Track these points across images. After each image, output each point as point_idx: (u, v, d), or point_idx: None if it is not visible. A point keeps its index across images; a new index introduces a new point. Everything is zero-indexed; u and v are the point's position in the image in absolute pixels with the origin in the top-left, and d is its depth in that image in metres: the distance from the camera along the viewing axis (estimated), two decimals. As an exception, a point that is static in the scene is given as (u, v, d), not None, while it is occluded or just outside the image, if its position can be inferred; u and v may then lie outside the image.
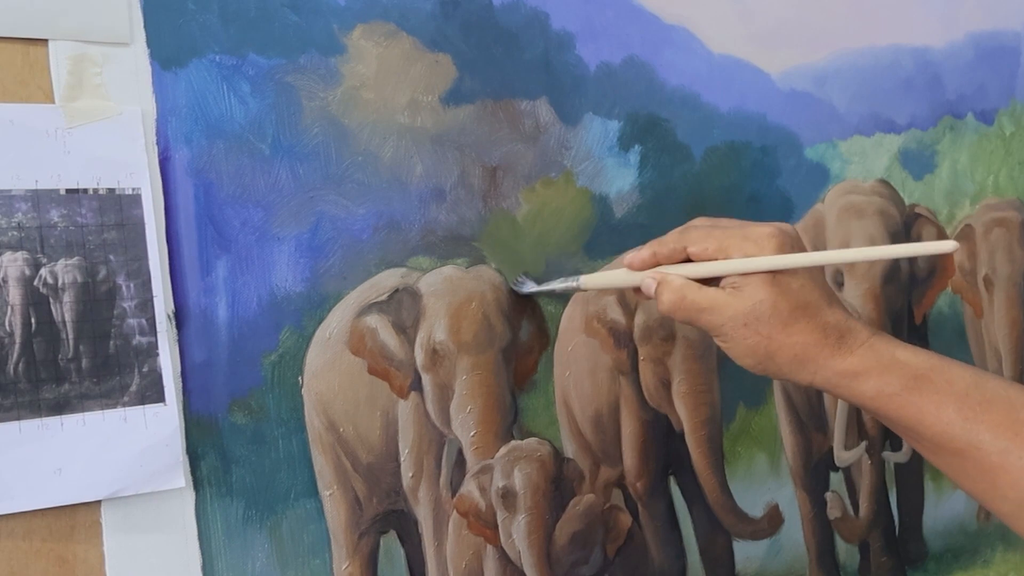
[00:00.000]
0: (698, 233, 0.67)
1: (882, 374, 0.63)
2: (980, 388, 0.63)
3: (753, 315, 0.64)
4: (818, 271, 0.67)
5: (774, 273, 0.64)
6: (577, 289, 0.75)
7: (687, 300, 0.66)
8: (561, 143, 0.81)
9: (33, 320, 0.62)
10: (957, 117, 1.03)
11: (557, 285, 0.76)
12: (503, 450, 0.77)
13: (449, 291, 0.76)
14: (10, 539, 0.62)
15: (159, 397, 0.66)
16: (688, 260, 0.67)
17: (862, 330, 0.65)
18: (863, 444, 0.96)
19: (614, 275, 0.73)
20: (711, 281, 0.66)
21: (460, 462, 0.77)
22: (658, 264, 0.68)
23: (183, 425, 0.67)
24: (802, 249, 0.66)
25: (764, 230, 0.65)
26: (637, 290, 0.70)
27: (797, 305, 0.64)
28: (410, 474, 0.75)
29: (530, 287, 0.78)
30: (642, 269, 0.69)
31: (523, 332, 0.80)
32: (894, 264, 0.97)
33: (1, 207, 0.62)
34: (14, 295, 0.62)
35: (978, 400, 0.62)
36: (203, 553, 0.67)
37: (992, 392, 0.62)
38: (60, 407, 0.63)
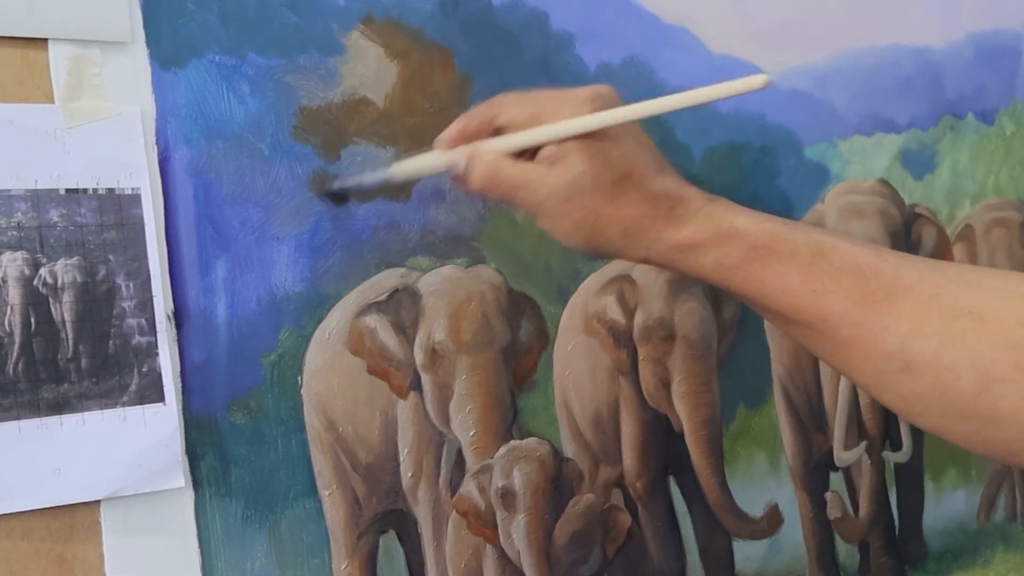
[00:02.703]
0: (508, 100, 0.62)
1: (720, 245, 0.58)
2: (826, 256, 0.58)
3: (575, 188, 0.58)
4: (645, 138, 0.61)
5: (592, 141, 0.58)
6: (389, 180, 0.68)
7: (500, 175, 0.60)
8: (561, 143, 0.81)
9: (33, 320, 0.62)
10: (957, 117, 1.03)
11: (367, 178, 0.70)
12: (502, 450, 0.77)
13: (449, 291, 0.76)
14: (9, 539, 0.62)
15: (158, 397, 0.66)
16: (500, 134, 0.62)
17: (696, 198, 0.60)
18: (863, 444, 0.96)
19: (425, 158, 0.66)
20: (528, 155, 0.60)
21: (459, 462, 0.77)
22: (469, 140, 0.62)
23: (182, 425, 0.67)
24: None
25: (580, 94, 0.59)
26: (457, 178, 0.64)
27: (622, 174, 0.59)
28: (409, 474, 0.75)
29: (339, 184, 0.71)
30: (452, 146, 0.63)
31: (523, 332, 0.80)
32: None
33: (1, 207, 0.62)
34: (14, 295, 0.62)
35: (825, 270, 0.57)
36: (202, 553, 0.67)
37: (840, 260, 0.58)
38: (59, 407, 0.63)
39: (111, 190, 0.65)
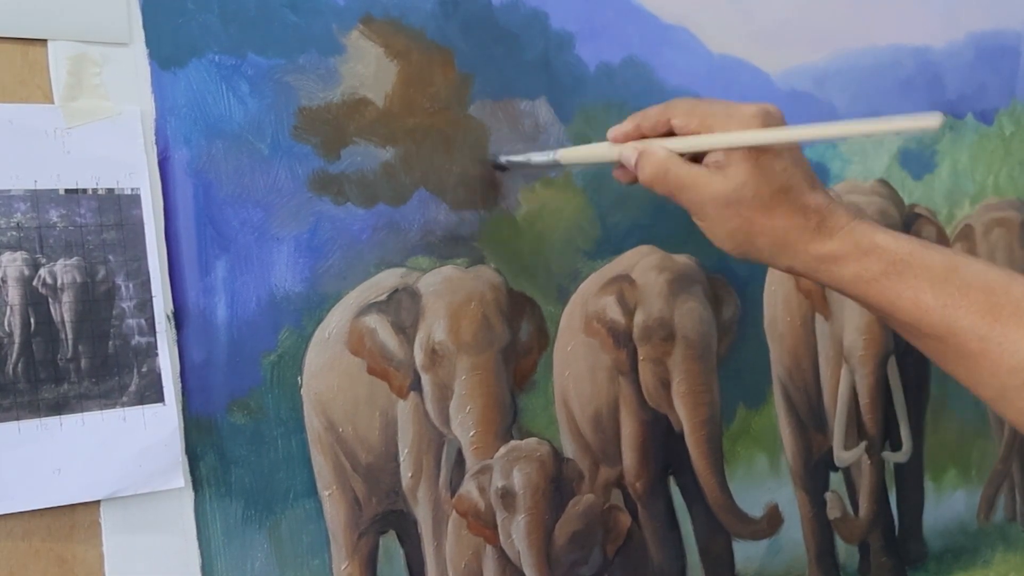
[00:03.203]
0: (682, 107, 0.66)
1: (860, 259, 0.63)
2: (959, 272, 0.61)
3: (736, 196, 0.63)
4: (800, 155, 0.65)
5: (757, 154, 0.62)
6: (555, 163, 0.73)
7: (670, 173, 0.65)
8: (560, 143, 0.81)
9: (32, 320, 0.62)
10: (957, 117, 1.03)
11: (535, 157, 0.75)
12: (502, 450, 0.77)
13: (449, 291, 0.76)
14: (9, 539, 0.62)
15: (158, 397, 0.66)
16: (671, 134, 0.66)
17: (843, 214, 0.64)
18: (863, 444, 0.96)
19: (595, 148, 0.71)
20: (694, 159, 0.65)
21: (459, 462, 0.77)
22: (641, 137, 0.67)
23: (182, 425, 0.67)
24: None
25: (749, 109, 0.63)
26: (620, 166, 0.69)
27: (780, 188, 0.63)
28: (409, 474, 0.75)
29: (506, 157, 0.77)
30: (624, 142, 0.68)
31: (523, 332, 0.80)
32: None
33: (0, 207, 0.62)
34: (13, 295, 0.62)
35: (956, 285, 0.61)
36: (202, 553, 0.67)
37: (971, 276, 0.61)
38: (59, 407, 0.63)
39: (111, 190, 0.65)
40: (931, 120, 0.60)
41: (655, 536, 0.85)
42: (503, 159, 0.77)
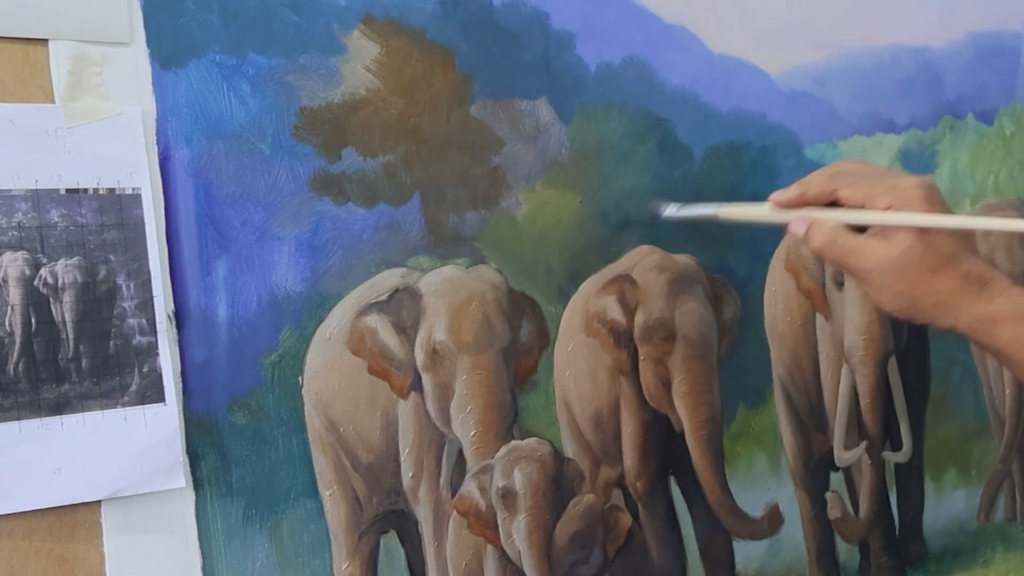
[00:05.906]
0: (848, 179, 0.70)
1: (1019, 324, 0.67)
2: None
3: (901, 262, 0.67)
4: None
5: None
6: (714, 218, 0.75)
7: (838, 243, 0.69)
8: (561, 143, 0.81)
9: (33, 320, 0.62)
10: (957, 117, 1.03)
11: (695, 211, 0.77)
12: (503, 450, 0.77)
13: (449, 291, 0.76)
14: (10, 539, 0.62)
15: (159, 397, 0.66)
16: (834, 203, 0.70)
17: (1002, 280, 0.68)
18: (863, 444, 0.96)
19: (758, 209, 0.75)
20: (859, 228, 0.70)
21: (460, 462, 0.77)
22: (805, 204, 0.71)
23: (183, 425, 0.67)
24: (944, 205, 0.69)
25: (910, 182, 0.68)
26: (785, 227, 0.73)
27: (943, 256, 0.67)
28: (410, 474, 0.75)
29: (669, 211, 0.79)
30: (788, 207, 0.72)
31: (523, 332, 0.80)
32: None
33: (1, 207, 0.62)
34: (14, 295, 0.62)
35: None
36: (203, 553, 0.67)
37: None
38: (60, 407, 0.63)
39: (112, 190, 0.65)
40: None
41: (656, 536, 0.85)
42: (664, 213, 0.79)
